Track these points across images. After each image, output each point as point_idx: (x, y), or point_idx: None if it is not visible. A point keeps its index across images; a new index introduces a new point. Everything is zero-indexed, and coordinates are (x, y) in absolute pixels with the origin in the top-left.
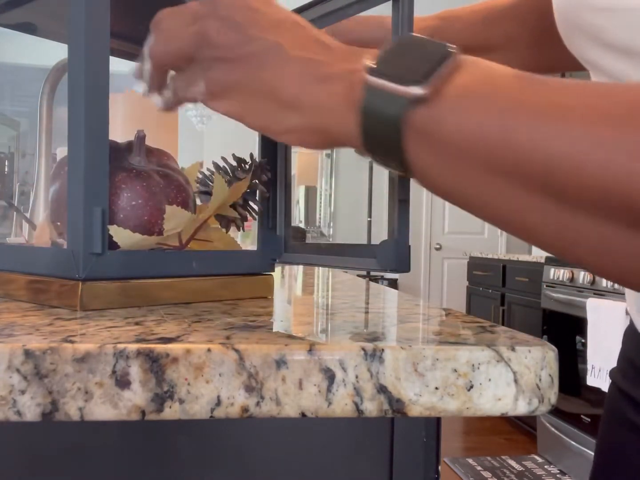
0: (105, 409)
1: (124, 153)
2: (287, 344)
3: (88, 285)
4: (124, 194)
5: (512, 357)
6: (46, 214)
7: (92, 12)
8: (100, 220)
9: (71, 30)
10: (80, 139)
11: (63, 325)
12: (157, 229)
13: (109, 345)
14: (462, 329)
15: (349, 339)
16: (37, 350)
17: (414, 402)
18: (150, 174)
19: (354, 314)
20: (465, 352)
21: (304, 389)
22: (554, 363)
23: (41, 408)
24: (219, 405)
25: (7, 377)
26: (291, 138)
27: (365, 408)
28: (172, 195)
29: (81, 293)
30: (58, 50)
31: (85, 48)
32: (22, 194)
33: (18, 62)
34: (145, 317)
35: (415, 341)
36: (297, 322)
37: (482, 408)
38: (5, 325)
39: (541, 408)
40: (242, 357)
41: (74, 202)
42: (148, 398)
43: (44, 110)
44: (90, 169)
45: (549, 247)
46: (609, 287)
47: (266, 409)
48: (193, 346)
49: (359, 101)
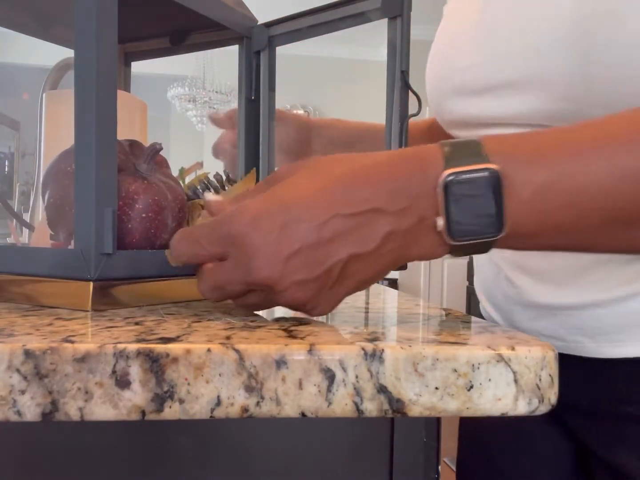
0: (105, 409)
1: (128, 155)
2: (287, 344)
3: (99, 285)
4: (136, 205)
5: (512, 357)
6: (45, 214)
7: (100, 10)
8: (111, 221)
9: (79, 28)
10: (91, 140)
11: (63, 325)
12: (159, 243)
13: (109, 345)
14: (462, 329)
15: (349, 339)
16: (37, 350)
17: (414, 402)
18: (161, 186)
19: (354, 313)
20: (465, 352)
21: (304, 389)
22: (554, 363)
23: (41, 408)
24: (219, 405)
25: (7, 377)
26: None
27: (365, 408)
28: (176, 210)
29: (92, 293)
30: (58, 50)
31: (96, 46)
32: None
33: (18, 62)
34: (145, 317)
35: (415, 341)
36: (297, 322)
37: (482, 408)
38: (5, 325)
39: (541, 408)
40: (242, 357)
41: (82, 203)
42: (148, 398)
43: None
44: (101, 170)
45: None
46: None
47: (266, 409)
48: (193, 346)
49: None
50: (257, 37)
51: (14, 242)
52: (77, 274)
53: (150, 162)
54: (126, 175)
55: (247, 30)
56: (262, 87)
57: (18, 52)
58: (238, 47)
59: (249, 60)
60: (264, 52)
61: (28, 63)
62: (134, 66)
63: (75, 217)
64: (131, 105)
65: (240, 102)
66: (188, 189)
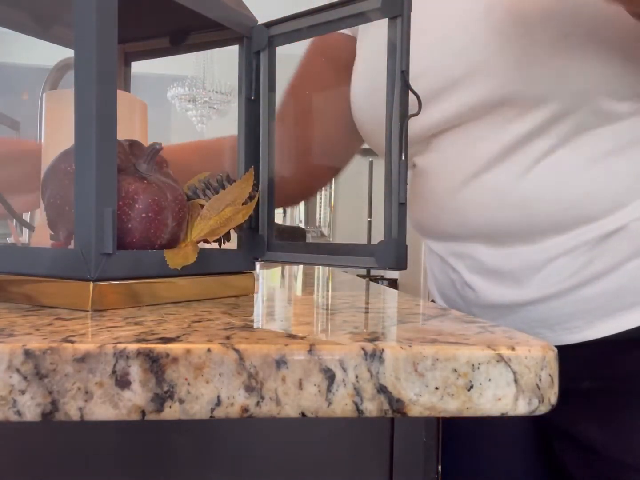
0: (105, 409)
1: (128, 155)
2: (287, 344)
3: (99, 285)
4: (136, 205)
5: (512, 357)
6: (44, 214)
7: (100, 10)
8: (111, 221)
9: (79, 28)
10: (91, 140)
11: (63, 325)
12: (159, 243)
13: (109, 345)
14: (462, 329)
15: (349, 339)
16: (37, 350)
17: (414, 402)
18: (161, 186)
19: (354, 313)
20: (465, 352)
21: (304, 389)
22: (554, 363)
23: (41, 408)
24: (219, 405)
25: (7, 377)
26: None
27: (365, 408)
28: (176, 210)
29: (93, 293)
30: (58, 50)
31: (96, 46)
32: None
33: (18, 62)
34: (145, 317)
35: (415, 341)
36: (297, 322)
37: (482, 408)
38: (5, 325)
39: (541, 408)
40: (242, 357)
41: (82, 203)
42: (148, 398)
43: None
44: (101, 170)
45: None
46: None
47: (266, 409)
48: (193, 346)
49: None
50: (257, 37)
51: (14, 242)
52: (77, 274)
53: (150, 162)
54: (126, 175)
55: (247, 30)
56: (262, 87)
57: (18, 52)
58: (238, 47)
59: (249, 60)
60: (264, 52)
61: (28, 63)
62: (134, 66)
63: (75, 217)
64: (131, 105)
65: (240, 102)
66: (188, 189)
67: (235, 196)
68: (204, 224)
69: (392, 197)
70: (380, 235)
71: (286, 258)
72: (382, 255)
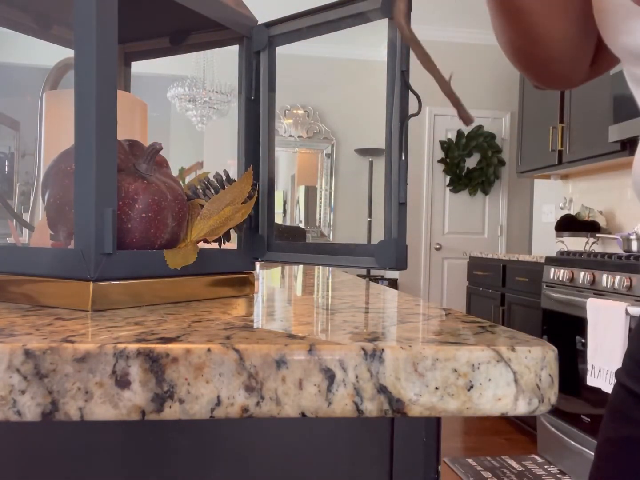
0: (105, 409)
1: (128, 155)
2: (287, 344)
3: (99, 285)
4: (136, 205)
5: (512, 357)
6: (45, 214)
7: (100, 10)
8: (110, 221)
9: (79, 28)
10: (91, 140)
11: (63, 325)
12: (159, 243)
13: (109, 345)
14: (462, 329)
15: (349, 339)
16: (37, 350)
17: (414, 402)
18: (161, 186)
19: (354, 313)
20: (465, 352)
21: (304, 389)
22: (554, 363)
23: (41, 408)
24: (219, 405)
25: (7, 377)
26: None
27: (365, 408)
28: (176, 210)
29: (93, 293)
30: (58, 50)
31: (96, 46)
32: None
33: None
34: (145, 317)
35: (415, 341)
36: (297, 322)
37: (482, 408)
38: (5, 325)
39: (541, 408)
40: (242, 357)
41: (82, 203)
42: (148, 398)
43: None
44: (101, 170)
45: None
46: (609, 287)
47: (266, 409)
48: (193, 346)
49: None
50: (257, 37)
51: (14, 242)
52: (77, 274)
53: (150, 162)
54: (126, 175)
55: (247, 30)
56: (262, 87)
57: (18, 52)
58: (238, 47)
59: (249, 60)
60: (264, 52)
61: (28, 63)
62: (134, 66)
63: (75, 217)
64: (131, 105)
65: (240, 102)
66: (188, 189)
67: (234, 196)
68: (204, 223)
69: (392, 197)
70: (380, 235)
71: (286, 258)
72: (382, 255)
